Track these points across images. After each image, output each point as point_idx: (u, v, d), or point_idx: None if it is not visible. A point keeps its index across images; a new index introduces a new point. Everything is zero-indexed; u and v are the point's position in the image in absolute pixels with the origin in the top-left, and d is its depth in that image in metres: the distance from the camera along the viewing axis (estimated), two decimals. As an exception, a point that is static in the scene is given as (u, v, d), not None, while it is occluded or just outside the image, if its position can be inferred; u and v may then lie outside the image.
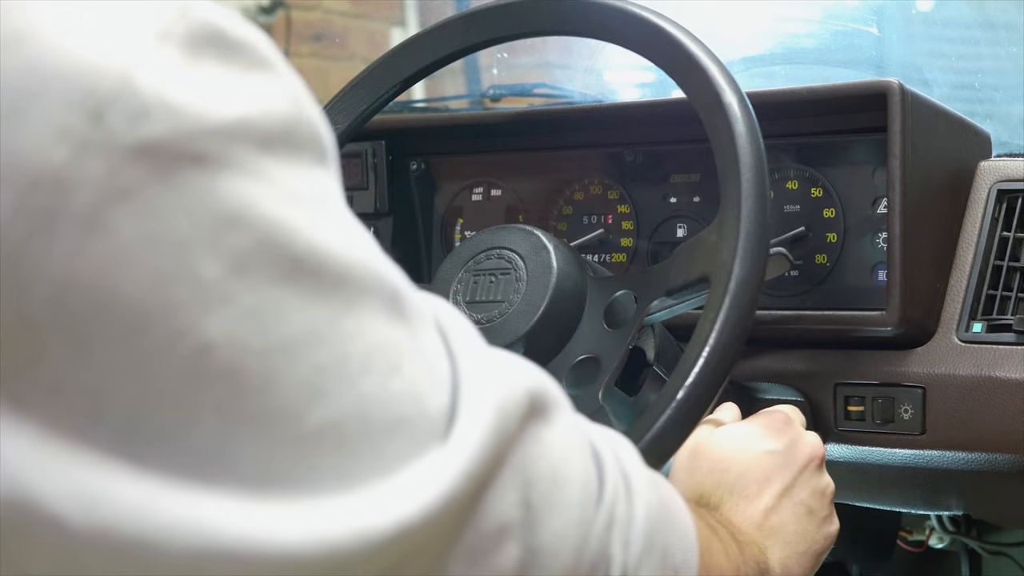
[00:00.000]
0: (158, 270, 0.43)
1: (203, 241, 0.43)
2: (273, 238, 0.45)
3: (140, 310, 0.42)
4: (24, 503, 0.42)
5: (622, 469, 0.60)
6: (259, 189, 0.45)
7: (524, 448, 0.53)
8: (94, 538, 0.42)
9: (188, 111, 0.43)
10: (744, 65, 1.63)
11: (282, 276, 0.45)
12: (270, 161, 0.45)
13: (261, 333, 0.44)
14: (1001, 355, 1.01)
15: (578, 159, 1.23)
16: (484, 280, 1.00)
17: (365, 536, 0.46)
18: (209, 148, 0.44)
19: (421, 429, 0.49)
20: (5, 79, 0.42)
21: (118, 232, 0.42)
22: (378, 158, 1.29)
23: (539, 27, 1.05)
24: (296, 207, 0.46)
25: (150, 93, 0.43)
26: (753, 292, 0.83)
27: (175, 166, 0.43)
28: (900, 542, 1.43)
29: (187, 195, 0.43)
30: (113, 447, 0.43)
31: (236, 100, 0.45)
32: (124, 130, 0.42)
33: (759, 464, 0.85)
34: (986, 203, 1.08)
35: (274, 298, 0.45)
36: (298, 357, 0.45)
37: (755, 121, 0.89)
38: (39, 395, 0.42)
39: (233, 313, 0.44)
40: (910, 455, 1.05)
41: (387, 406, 0.47)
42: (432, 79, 1.27)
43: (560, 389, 0.58)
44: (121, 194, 0.42)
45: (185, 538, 0.43)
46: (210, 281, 0.43)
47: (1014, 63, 1.56)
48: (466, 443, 0.49)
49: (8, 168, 0.41)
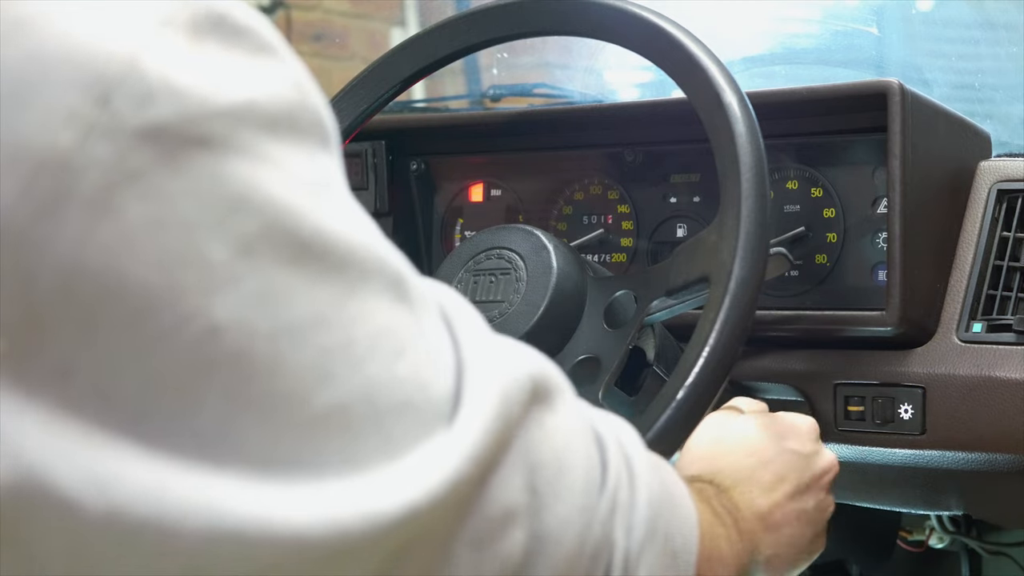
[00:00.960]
0: (165, 253, 0.43)
1: (210, 224, 0.44)
2: (280, 221, 0.45)
3: (147, 293, 0.43)
4: (35, 486, 0.42)
5: (625, 454, 0.60)
6: (265, 172, 0.45)
7: (528, 433, 0.53)
8: (105, 520, 0.42)
9: (194, 94, 0.44)
10: (744, 65, 1.63)
11: (288, 259, 0.45)
12: (275, 145, 0.46)
13: (268, 316, 0.45)
14: (1001, 355, 1.01)
15: (578, 159, 1.23)
16: (484, 280, 1.00)
17: (373, 519, 0.46)
18: (215, 131, 0.44)
19: (426, 412, 0.49)
20: (10, 65, 0.42)
21: (125, 215, 0.42)
22: (378, 158, 1.29)
23: (539, 27, 1.05)
24: (301, 191, 0.46)
25: (156, 77, 0.43)
26: (753, 292, 0.83)
27: (182, 149, 0.43)
28: (900, 542, 1.43)
29: (194, 178, 0.43)
30: (123, 429, 0.43)
31: (241, 84, 0.45)
32: (131, 113, 0.43)
33: (782, 459, 0.86)
34: (986, 203, 1.08)
35: (280, 281, 0.45)
36: (304, 340, 0.45)
37: (755, 121, 0.89)
38: (48, 378, 0.42)
39: (240, 296, 0.44)
40: (910, 455, 1.05)
41: (393, 389, 0.48)
42: (432, 79, 1.27)
43: (563, 375, 0.58)
44: (128, 177, 0.42)
45: (195, 519, 0.43)
46: (217, 264, 0.44)
47: (1014, 63, 1.56)
48: (471, 427, 0.50)
49: (14, 153, 0.42)
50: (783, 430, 0.89)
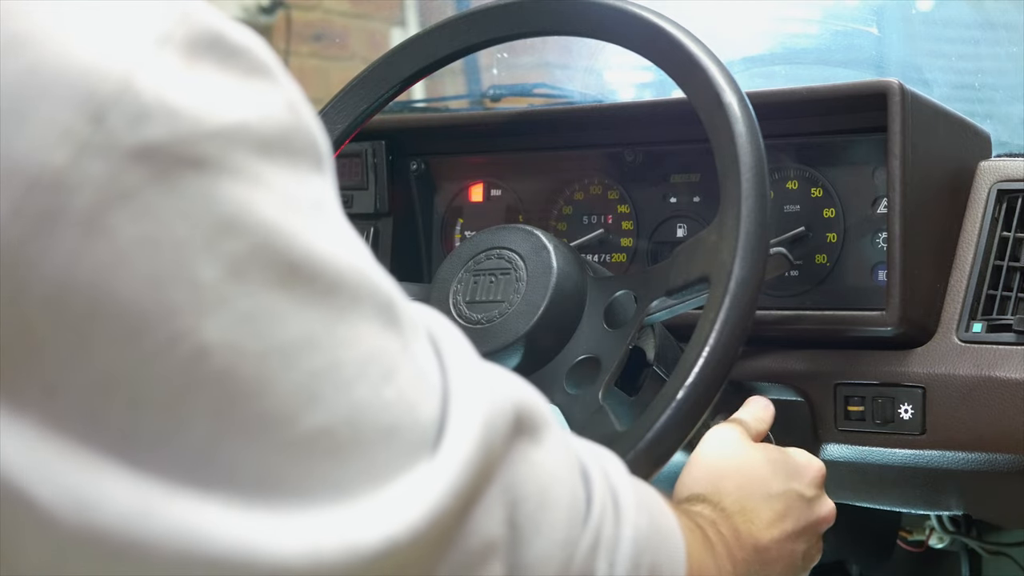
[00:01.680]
0: (156, 272, 0.43)
1: (201, 244, 0.43)
2: (270, 243, 0.45)
3: (138, 312, 0.43)
4: (17, 502, 0.42)
5: (611, 486, 0.60)
6: (257, 194, 0.45)
7: (512, 467, 0.53)
8: (86, 539, 0.42)
9: (188, 114, 0.44)
10: (744, 65, 1.63)
11: (278, 281, 0.45)
12: (268, 167, 0.46)
13: (257, 337, 0.44)
14: (1001, 355, 1.01)
15: (578, 159, 1.23)
16: (484, 280, 1.00)
17: (355, 551, 0.46)
18: (208, 152, 0.44)
19: (412, 439, 0.49)
20: (6, 81, 0.42)
21: (117, 234, 0.42)
22: (378, 158, 1.29)
23: (539, 27, 1.05)
24: (293, 213, 0.46)
25: (151, 96, 0.43)
26: (753, 292, 0.83)
27: (175, 169, 0.43)
28: (900, 542, 1.43)
29: (186, 198, 0.43)
30: (109, 449, 0.43)
31: (235, 105, 0.45)
32: (125, 132, 0.42)
33: (787, 498, 0.86)
34: (986, 203, 1.08)
35: (270, 303, 0.45)
36: (293, 362, 0.45)
37: (755, 121, 0.89)
38: (36, 395, 0.42)
39: (230, 317, 0.44)
40: (910, 455, 1.05)
41: (380, 414, 0.48)
42: (432, 79, 1.27)
43: (549, 406, 0.58)
44: (121, 196, 0.42)
45: (177, 544, 0.43)
46: (207, 285, 0.44)
47: (1014, 63, 1.56)
48: (454, 458, 0.49)
49: (8, 169, 0.41)
50: (792, 470, 0.89)
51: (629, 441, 0.82)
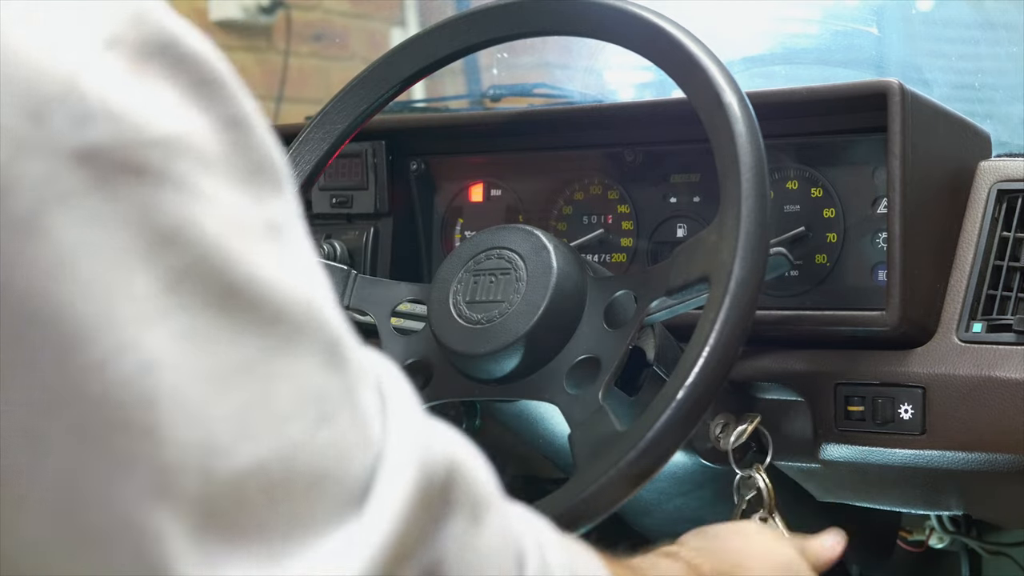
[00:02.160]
0: (98, 280, 0.41)
1: (140, 255, 0.42)
2: (208, 261, 0.43)
3: (77, 321, 0.41)
4: None
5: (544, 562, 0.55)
6: (199, 208, 0.43)
7: (439, 544, 0.49)
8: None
9: (130, 120, 0.42)
10: (744, 65, 1.63)
11: (216, 302, 0.43)
12: (213, 182, 0.44)
13: (194, 356, 0.43)
14: (1001, 355, 1.01)
15: (578, 159, 1.23)
16: (484, 280, 1.00)
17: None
18: (151, 160, 0.43)
19: (338, 491, 0.46)
20: None
21: (55, 237, 0.41)
22: (378, 158, 1.29)
23: (539, 27, 1.05)
24: (238, 233, 0.44)
25: (95, 98, 0.42)
26: (753, 292, 0.83)
27: (117, 175, 0.42)
28: (900, 542, 1.43)
29: (126, 206, 0.42)
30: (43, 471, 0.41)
31: (178, 115, 0.44)
32: (67, 133, 0.41)
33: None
34: (986, 203, 1.08)
35: (205, 323, 0.43)
36: (226, 389, 0.43)
37: (755, 121, 0.89)
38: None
39: (169, 332, 0.42)
40: (910, 455, 1.05)
41: (312, 457, 0.45)
42: (432, 79, 1.27)
43: (492, 473, 0.54)
44: (60, 198, 0.41)
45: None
46: (146, 296, 0.42)
47: (1014, 63, 1.56)
48: (377, 526, 0.46)
49: None
50: (796, 568, 0.88)
51: (629, 441, 0.82)
